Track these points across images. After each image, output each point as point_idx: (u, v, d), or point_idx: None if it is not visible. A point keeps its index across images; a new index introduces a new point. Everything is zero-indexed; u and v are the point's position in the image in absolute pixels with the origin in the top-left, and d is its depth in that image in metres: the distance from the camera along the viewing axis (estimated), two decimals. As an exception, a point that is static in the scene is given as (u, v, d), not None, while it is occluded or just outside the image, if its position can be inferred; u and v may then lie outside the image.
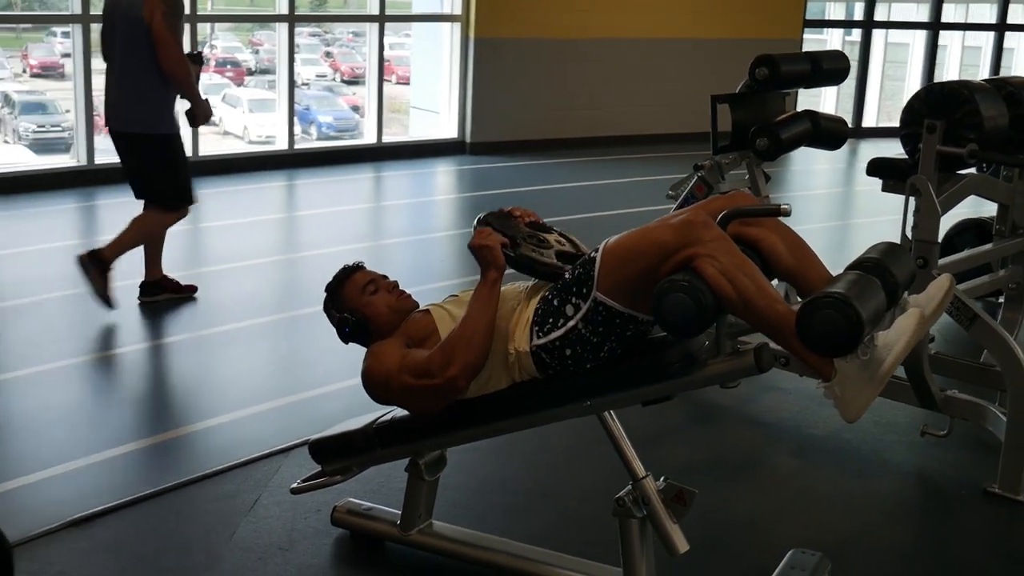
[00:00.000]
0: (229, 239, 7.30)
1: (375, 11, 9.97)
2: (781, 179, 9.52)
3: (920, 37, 14.12)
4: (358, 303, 3.10)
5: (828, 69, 4.50)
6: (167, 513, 3.46)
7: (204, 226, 7.76)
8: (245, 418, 4.24)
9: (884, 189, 4.15)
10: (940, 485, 3.89)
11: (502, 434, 3.05)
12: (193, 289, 5.72)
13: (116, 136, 5.46)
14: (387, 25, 10.18)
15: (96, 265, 5.25)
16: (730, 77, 11.42)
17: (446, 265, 6.92)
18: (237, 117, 13.98)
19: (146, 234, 5.52)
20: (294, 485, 3.25)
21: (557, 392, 2.88)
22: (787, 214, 2.70)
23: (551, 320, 2.78)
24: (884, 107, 14.24)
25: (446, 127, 10.56)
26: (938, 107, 3.83)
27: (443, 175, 10.07)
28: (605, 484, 3.73)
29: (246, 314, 5.60)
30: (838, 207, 9.57)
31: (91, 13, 8.27)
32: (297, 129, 9.83)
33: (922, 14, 14.12)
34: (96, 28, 7.71)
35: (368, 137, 10.21)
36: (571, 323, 2.75)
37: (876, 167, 4.11)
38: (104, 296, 5.27)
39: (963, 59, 15.60)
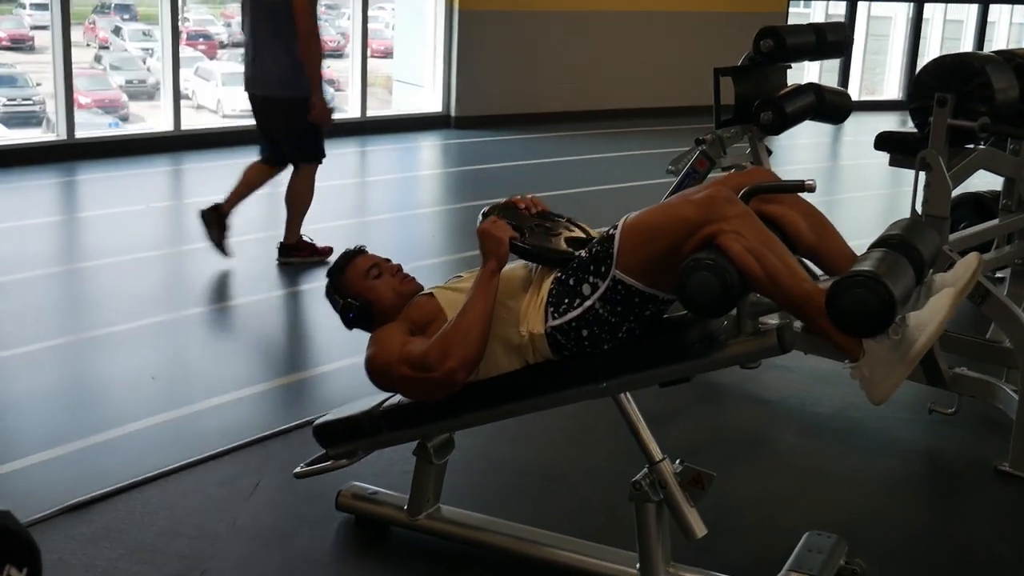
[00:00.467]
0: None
1: (358, -17, 9.85)
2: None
3: (902, 10, 14.09)
4: (361, 287, 3.02)
5: (832, 41, 4.43)
6: (167, 498, 3.37)
7: (189, 202, 7.65)
8: (240, 399, 4.15)
9: (891, 163, 4.10)
10: (950, 464, 3.84)
11: (514, 416, 2.98)
12: (329, 251, 5.94)
13: (255, 99, 5.86)
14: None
15: (216, 217, 5.77)
16: (716, 50, 11.37)
17: (435, 241, 6.84)
18: (210, 91, 13.78)
19: (297, 197, 5.97)
20: (297, 469, 3.16)
21: (571, 373, 2.80)
22: (812, 190, 2.62)
23: (567, 300, 2.71)
24: (866, 81, 14.17)
25: (431, 101, 10.45)
26: (948, 80, 3.77)
27: (428, 150, 9.96)
28: (610, 465, 3.70)
29: (242, 291, 5.55)
30: (827, 181, 9.52)
31: (71, -14, 8.12)
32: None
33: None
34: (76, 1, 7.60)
35: (352, 111, 10.07)
36: (588, 303, 2.67)
37: (884, 141, 4.06)
38: (220, 246, 5.79)
39: (945, 32, 15.52)
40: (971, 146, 3.94)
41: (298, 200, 5.98)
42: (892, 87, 14.15)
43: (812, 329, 2.50)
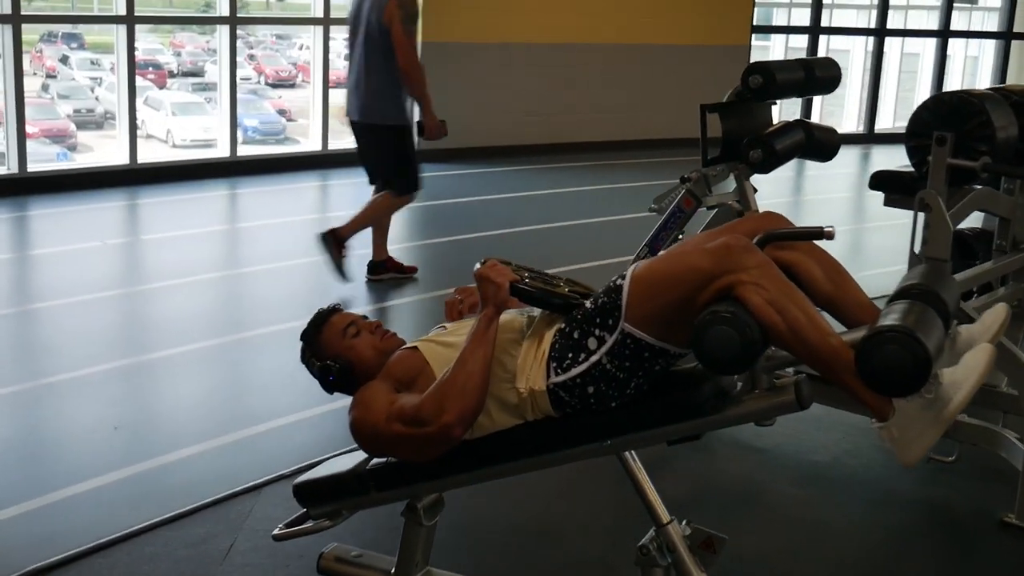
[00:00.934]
0: (172, 253, 6.95)
1: (319, 13, 9.66)
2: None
3: (859, 43, 14.15)
4: (340, 348, 2.82)
5: (821, 77, 4.31)
6: (133, 563, 3.15)
7: (147, 239, 7.45)
8: (208, 452, 3.94)
9: (887, 203, 3.97)
10: (954, 515, 3.70)
11: (510, 476, 2.78)
12: (414, 269, 6.32)
13: (355, 126, 6.16)
14: (314, 28, 9.84)
15: (335, 241, 5.93)
16: (679, 83, 11.39)
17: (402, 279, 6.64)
18: (160, 120, 13.54)
19: (376, 217, 6.19)
20: (276, 531, 2.94)
21: (573, 431, 2.62)
22: (831, 237, 2.47)
23: (571, 355, 2.53)
24: (825, 116, 14.17)
25: (392, 134, 10.26)
26: (947, 118, 3.65)
27: (390, 184, 9.76)
28: (602, 519, 3.54)
29: (193, 336, 5.29)
30: (801, 216, 9.44)
31: (21, 13, 7.88)
32: (224, 133, 9.41)
33: (863, 19, 14.14)
34: (28, 28, 7.37)
35: (312, 144, 9.88)
36: (594, 358, 2.50)
37: (880, 180, 3.93)
38: (340, 269, 5.97)
39: (902, 65, 15.62)
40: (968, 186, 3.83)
41: (374, 218, 6.21)
42: (851, 120, 14.20)
43: (839, 386, 2.34)
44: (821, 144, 4.37)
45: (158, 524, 3.34)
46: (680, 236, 4.40)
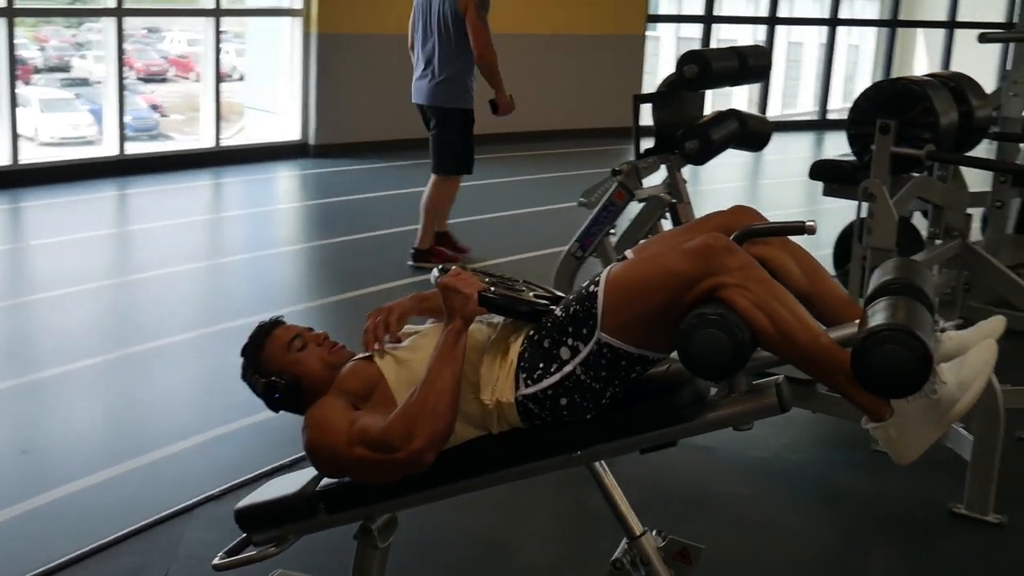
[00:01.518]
0: (57, 260, 6.60)
1: (210, 5, 9.32)
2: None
3: (746, 31, 14.28)
4: (285, 363, 2.63)
5: (754, 65, 4.24)
6: (61, 599, 2.91)
7: (29, 244, 7.07)
8: (125, 475, 3.68)
9: (826, 193, 3.92)
10: (902, 508, 3.65)
11: (471, 491, 2.62)
12: (465, 250, 6.53)
13: (421, 109, 6.51)
14: (205, 20, 9.50)
15: (424, 256, 6.28)
16: (575, 73, 11.29)
17: (292, 285, 6.43)
18: (27, 118, 12.97)
19: (438, 209, 6.53)
20: (217, 561, 2.73)
21: (542, 442, 2.47)
22: (812, 232, 2.38)
23: (542, 365, 2.38)
24: (716, 106, 14.27)
25: (287, 128, 9.98)
26: (889, 106, 3.61)
27: (286, 180, 9.50)
28: (554, 529, 3.42)
29: (88, 350, 4.98)
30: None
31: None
32: (94, 129, 9.03)
33: (750, 8, 14.27)
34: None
35: (205, 141, 9.54)
36: (568, 368, 2.35)
37: (819, 170, 3.87)
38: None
39: (788, 54, 15.81)
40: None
41: (434, 207, 6.50)
42: (775, 108, 14.36)
43: (831, 387, 2.24)
44: (754, 134, 4.30)
45: (83, 556, 3.09)
46: (612, 230, 4.29)
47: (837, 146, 5.60)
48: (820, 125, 13.97)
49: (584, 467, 2.73)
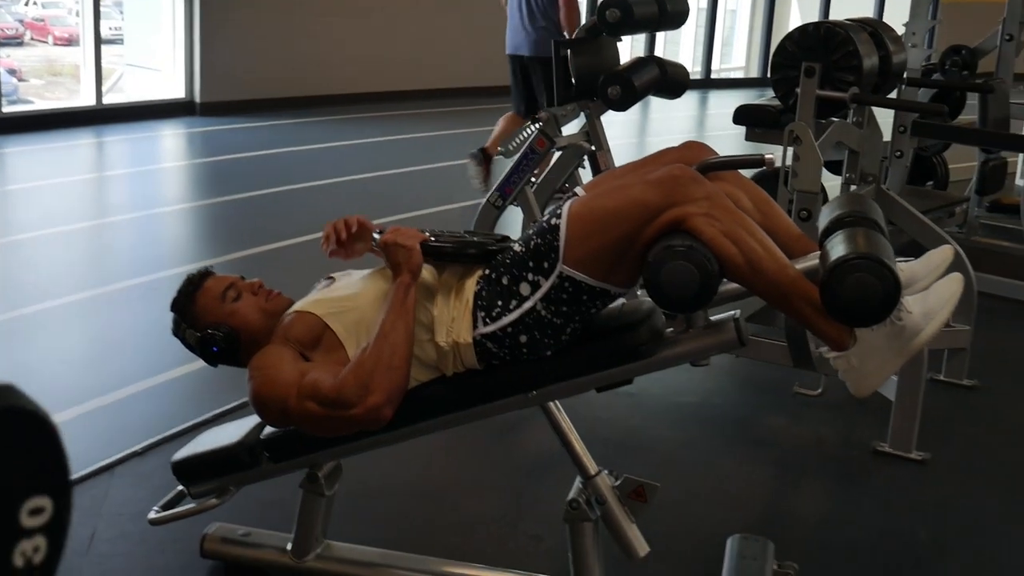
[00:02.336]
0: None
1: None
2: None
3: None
4: (220, 314, 2.53)
5: (672, 12, 4.22)
6: (-18, 562, 2.76)
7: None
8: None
9: (748, 138, 3.94)
10: (828, 447, 3.71)
11: (425, 435, 2.57)
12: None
13: (514, 59, 6.93)
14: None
15: (484, 157, 6.78)
16: (466, 29, 11.19)
17: (185, 244, 6.23)
18: None
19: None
20: (153, 515, 2.64)
21: (496, 383, 2.43)
22: (772, 165, 2.37)
23: (500, 303, 2.33)
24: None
25: (171, 87, 9.67)
26: (814, 49, 3.63)
27: (171, 139, 9.21)
28: (493, 476, 3.38)
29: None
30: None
31: None
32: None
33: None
34: None
35: (86, 99, 9.18)
36: (528, 304, 2.31)
37: (743, 115, 3.88)
38: (484, 183, 6.63)
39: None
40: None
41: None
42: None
43: (796, 317, 2.25)
44: (673, 80, 4.29)
45: (2, 516, 2.94)
46: (533, 178, 4.25)
47: (721, 103, 5.56)
48: (704, 84, 14.16)
49: (519, 415, 2.71)
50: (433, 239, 2.44)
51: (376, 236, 2.45)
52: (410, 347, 2.31)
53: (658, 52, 14.73)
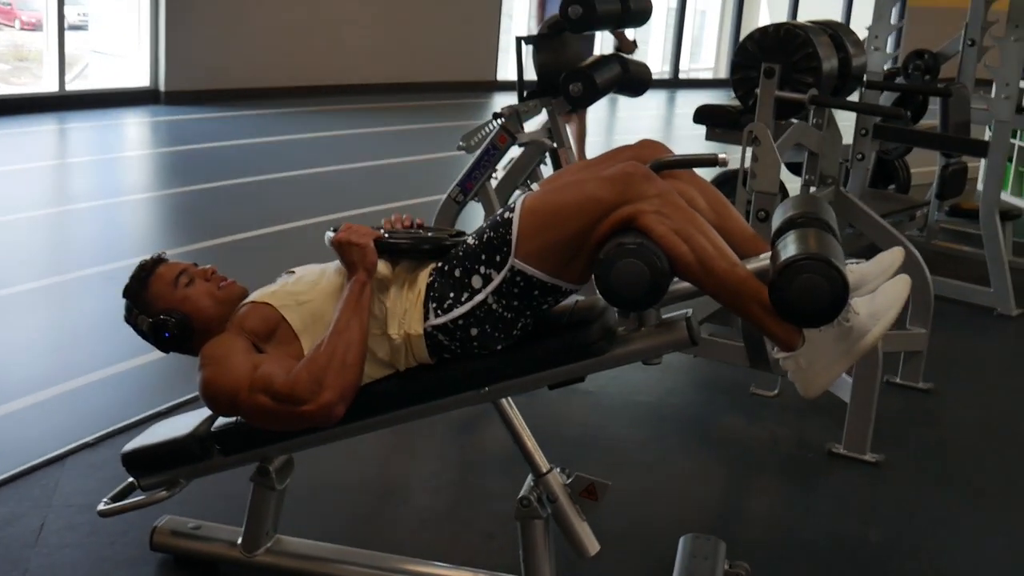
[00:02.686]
0: None
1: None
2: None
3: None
4: (172, 300, 2.51)
5: (635, 10, 4.21)
6: (-72, 552, 2.73)
7: None
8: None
9: (708, 138, 3.94)
10: (783, 448, 3.72)
11: (377, 430, 2.55)
12: None
13: None
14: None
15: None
16: (425, 26, 11.18)
17: (146, 233, 6.18)
18: None
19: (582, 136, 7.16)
20: (102, 506, 2.61)
21: (450, 378, 2.42)
22: (724, 164, 2.38)
23: (452, 295, 2.32)
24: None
25: (135, 74, 9.59)
26: (773, 50, 3.64)
27: (135, 127, 9.14)
28: (447, 474, 3.38)
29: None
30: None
31: None
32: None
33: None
34: None
35: (48, 85, 9.09)
36: (479, 297, 2.30)
37: (703, 114, 3.88)
38: None
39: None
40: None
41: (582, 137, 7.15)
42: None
43: (745, 317, 2.24)
44: (635, 79, 4.29)
45: (-53, 507, 2.91)
46: (494, 174, 4.24)
47: (688, 103, 5.61)
48: (672, 84, 14.20)
49: (473, 412, 2.70)
50: (387, 235, 2.43)
51: (330, 234, 2.44)
52: (364, 345, 2.31)
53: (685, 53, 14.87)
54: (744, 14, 15.36)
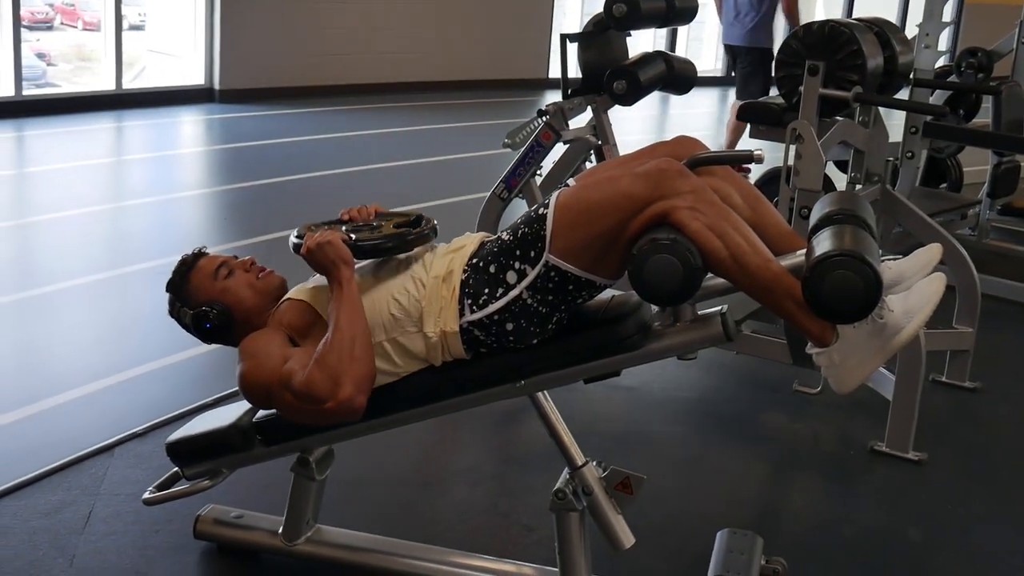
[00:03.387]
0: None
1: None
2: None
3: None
4: (214, 292, 2.57)
5: (680, 8, 4.22)
6: (-17, 537, 2.81)
7: None
8: (44, 413, 3.56)
9: (753, 135, 3.94)
10: (825, 446, 3.71)
11: (415, 422, 2.59)
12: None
13: (736, 50, 7.76)
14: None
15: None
16: (487, 23, 11.23)
17: (199, 229, 6.27)
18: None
19: (736, 127, 7.31)
20: (147, 495, 2.67)
21: (485, 371, 2.45)
22: (760, 161, 2.38)
23: (487, 290, 2.35)
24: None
25: (191, 73, 9.72)
26: (818, 47, 3.63)
27: (191, 125, 9.27)
28: (487, 466, 3.40)
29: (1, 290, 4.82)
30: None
31: None
32: (7, 71, 8.69)
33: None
34: None
35: (106, 83, 9.24)
36: (514, 292, 2.33)
37: (748, 111, 3.88)
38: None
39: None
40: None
41: (735, 127, 7.32)
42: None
43: (779, 313, 2.25)
44: (680, 76, 4.30)
45: (1, 494, 2.98)
46: (539, 171, 4.26)
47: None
48: (725, 82, 14.10)
49: (514, 405, 2.72)
50: (352, 240, 2.46)
51: (294, 239, 2.50)
52: (368, 335, 2.35)
53: (679, 49, 14.75)
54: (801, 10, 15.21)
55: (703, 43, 15.57)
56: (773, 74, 3.78)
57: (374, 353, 2.38)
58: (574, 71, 4.27)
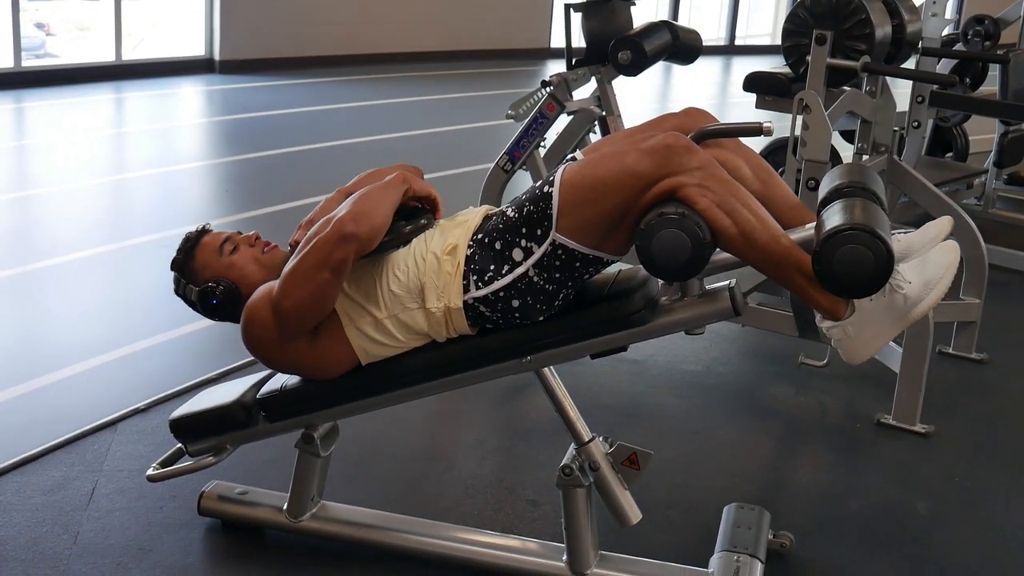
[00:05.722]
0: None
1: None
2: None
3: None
4: (219, 268, 2.55)
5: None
6: (-14, 513, 2.79)
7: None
8: (45, 389, 3.55)
9: (759, 106, 3.90)
10: (831, 418, 3.69)
11: (418, 398, 2.57)
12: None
13: None
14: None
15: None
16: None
17: (200, 201, 6.24)
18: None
19: None
20: (151, 471, 2.66)
21: (491, 347, 2.44)
22: (769, 133, 2.35)
23: (492, 267, 2.32)
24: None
25: (192, 44, 9.66)
26: (825, 17, 3.59)
27: (191, 96, 9.22)
28: (492, 441, 3.38)
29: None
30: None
31: None
32: (5, 44, 8.65)
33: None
34: None
35: (105, 54, 9.18)
36: (520, 269, 2.30)
37: (754, 82, 3.84)
38: None
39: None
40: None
41: None
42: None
43: (789, 287, 2.23)
44: (686, 46, 4.25)
45: (3, 471, 2.97)
46: (543, 142, 4.23)
47: (744, 70, 5.66)
48: (728, 51, 14.05)
49: (520, 380, 2.69)
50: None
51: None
52: (392, 208, 2.39)
53: (682, 18, 14.66)
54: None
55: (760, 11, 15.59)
56: (782, 43, 3.72)
57: (375, 324, 2.38)
58: (578, 41, 4.21)
